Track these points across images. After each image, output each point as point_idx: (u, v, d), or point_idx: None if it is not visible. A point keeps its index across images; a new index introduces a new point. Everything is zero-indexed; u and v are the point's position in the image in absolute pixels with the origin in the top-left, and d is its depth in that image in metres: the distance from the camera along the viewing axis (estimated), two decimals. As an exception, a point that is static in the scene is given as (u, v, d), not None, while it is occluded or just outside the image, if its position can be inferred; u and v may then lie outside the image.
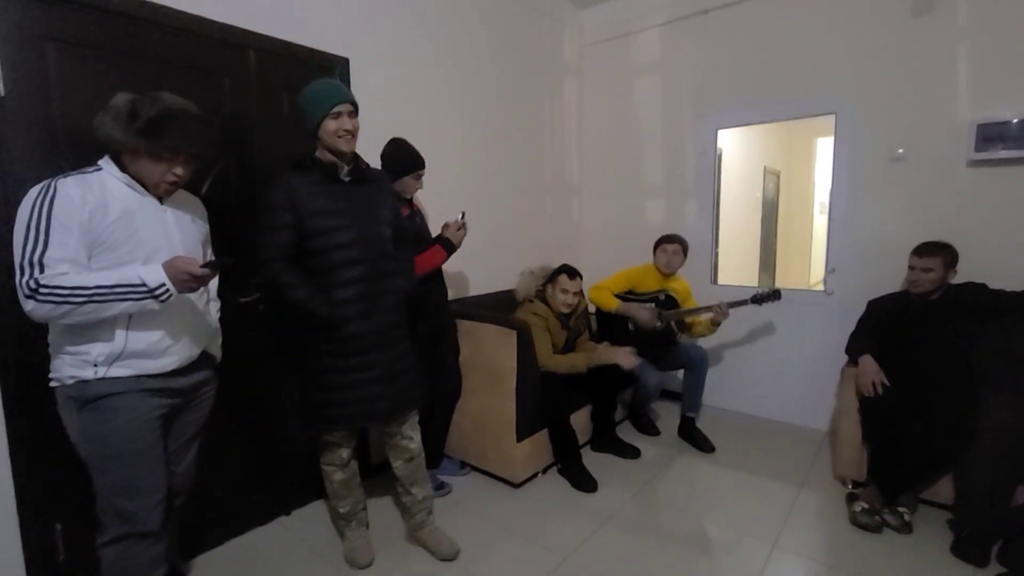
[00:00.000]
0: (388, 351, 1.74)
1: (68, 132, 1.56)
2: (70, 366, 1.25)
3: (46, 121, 1.53)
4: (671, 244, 2.96)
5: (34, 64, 1.51)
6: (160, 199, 1.36)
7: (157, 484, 1.34)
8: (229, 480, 2.02)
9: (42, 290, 1.14)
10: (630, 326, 2.90)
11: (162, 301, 1.25)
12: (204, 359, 1.52)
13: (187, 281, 1.26)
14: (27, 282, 1.15)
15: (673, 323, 2.91)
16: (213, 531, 2.00)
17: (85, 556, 1.64)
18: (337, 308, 1.63)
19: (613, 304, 2.88)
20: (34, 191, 1.20)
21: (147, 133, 1.24)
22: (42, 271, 1.15)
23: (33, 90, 1.51)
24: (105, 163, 1.30)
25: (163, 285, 1.23)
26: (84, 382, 1.25)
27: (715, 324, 2.82)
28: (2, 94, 1.46)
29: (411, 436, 1.89)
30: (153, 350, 1.32)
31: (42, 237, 1.16)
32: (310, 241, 1.62)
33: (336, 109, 1.60)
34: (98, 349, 1.25)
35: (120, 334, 1.27)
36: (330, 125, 1.61)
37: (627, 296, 2.96)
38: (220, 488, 1.99)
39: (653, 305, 2.91)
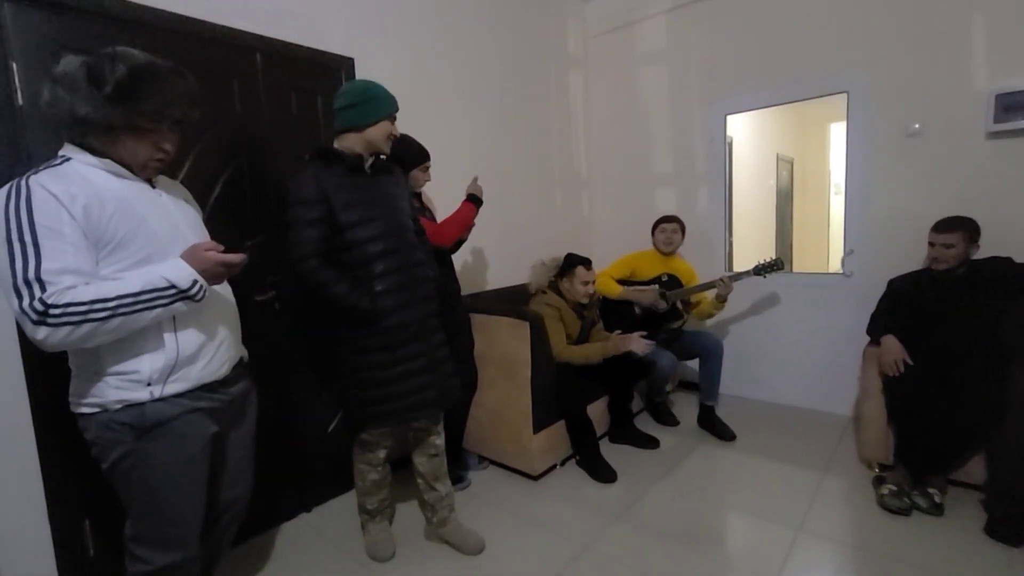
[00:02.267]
0: (428, 340, 1.73)
1: (84, 138, 1.60)
2: (117, 388, 1.07)
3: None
4: (668, 223, 2.99)
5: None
6: (150, 182, 1.18)
7: (202, 510, 1.23)
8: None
9: (53, 311, 0.94)
10: (636, 310, 2.89)
11: (198, 300, 1.09)
12: (241, 362, 1.40)
13: (220, 272, 1.13)
14: (31, 305, 0.94)
15: (679, 302, 2.89)
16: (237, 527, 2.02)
17: (114, 551, 1.67)
18: (377, 300, 1.61)
19: (616, 291, 2.88)
20: (1, 197, 0.97)
21: (118, 99, 1.02)
22: (44, 289, 0.95)
23: (50, 98, 1.55)
24: (71, 151, 1.07)
25: (196, 282, 1.08)
26: (138, 406, 1.08)
27: (721, 300, 2.80)
28: (21, 103, 1.50)
29: (439, 432, 1.89)
30: (205, 352, 1.18)
31: (30, 250, 0.95)
32: (344, 235, 1.59)
33: (395, 114, 1.68)
34: (148, 364, 1.09)
35: (170, 339, 1.11)
36: (387, 127, 1.65)
37: (628, 281, 2.96)
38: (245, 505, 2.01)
39: (656, 287, 2.89)
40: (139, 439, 1.10)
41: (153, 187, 1.19)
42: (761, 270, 2.71)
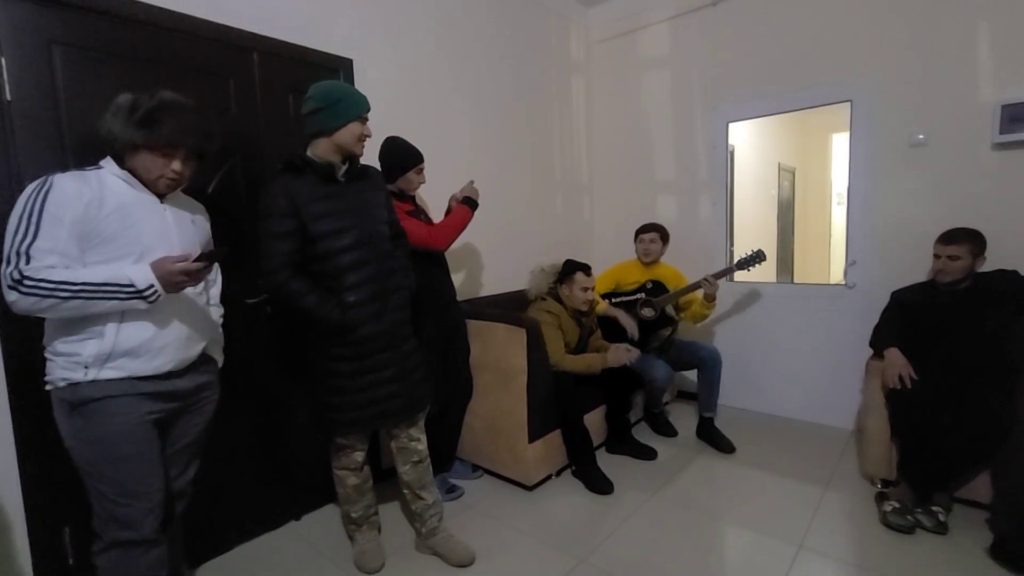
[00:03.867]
0: (398, 349, 1.73)
1: (74, 135, 1.58)
2: (62, 368, 1.22)
3: (52, 124, 1.55)
4: (647, 233, 2.97)
5: (41, 68, 1.52)
6: (161, 197, 1.34)
7: (151, 489, 1.29)
8: (238, 484, 2.00)
9: (26, 282, 1.12)
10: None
11: (150, 302, 1.22)
12: (204, 361, 1.47)
13: (180, 281, 1.25)
14: (11, 272, 1.12)
15: (668, 308, 2.86)
16: (223, 535, 1.97)
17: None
18: (350, 312, 1.61)
19: (600, 307, 2.83)
20: (31, 186, 1.19)
21: (143, 124, 1.23)
22: (28, 262, 1.13)
23: (40, 94, 1.52)
24: (106, 162, 1.29)
25: (151, 287, 1.21)
26: (75, 384, 1.22)
27: (709, 299, 2.79)
28: (9, 98, 1.47)
29: (418, 438, 1.86)
30: (145, 349, 1.27)
31: (32, 228, 1.14)
32: (316, 245, 1.59)
33: (365, 115, 1.63)
34: (88, 349, 1.22)
35: (111, 330, 1.23)
36: (356, 129, 1.62)
37: (615, 293, 2.95)
38: (230, 492, 1.97)
39: (642, 295, 2.86)
40: (71, 413, 1.23)
41: (161, 201, 1.34)
42: (744, 263, 2.70)
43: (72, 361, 1.22)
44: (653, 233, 2.96)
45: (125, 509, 1.26)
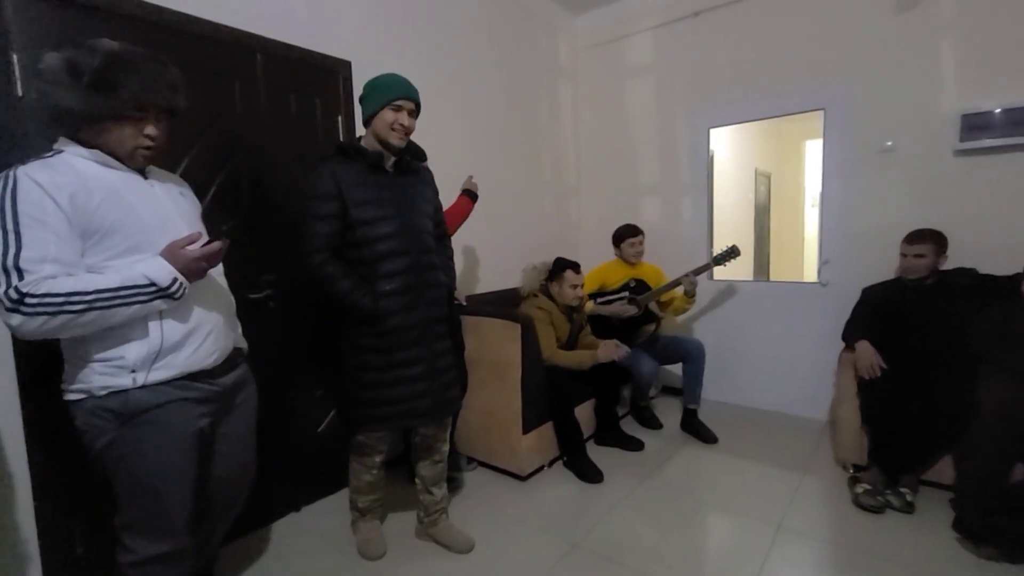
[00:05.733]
0: (430, 347, 1.70)
1: (84, 131, 1.60)
2: (101, 375, 1.08)
3: (63, 121, 1.57)
4: (635, 236, 3.10)
5: (51, 66, 1.55)
6: (141, 172, 1.19)
7: (191, 500, 1.22)
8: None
9: (28, 300, 0.95)
10: (614, 320, 2.98)
11: (177, 298, 1.11)
12: (238, 353, 1.41)
13: (201, 267, 1.14)
14: (5, 293, 0.95)
15: (651, 305, 2.99)
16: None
17: (101, 548, 1.66)
18: (381, 301, 1.60)
19: (587, 307, 2.96)
20: None
21: (101, 88, 1.04)
22: (21, 277, 0.96)
23: (50, 91, 1.55)
24: (64, 144, 1.10)
25: (176, 280, 1.09)
26: (123, 392, 1.09)
27: (689, 296, 2.93)
28: (20, 94, 1.50)
29: (444, 439, 1.90)
30: (191, 341, 1.17)
31: (11, 238, 0.96)
32: (354, 231, 1.59)
33: (398, 102, 1.60)
34: (134, 351, 1.09)
35: (155, 327, 1.11)
36: (388, 116, 1.60)
37: (601, 293, 3.06)
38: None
39: (627, 294, 2.99)
40: (123, 426, 1.10)
41: (145, 178, 1.20)
42: (720, 259, 2.86)
43: (114, 366, 1.09)
44: (641, 235, 3.10)
45: (165, 521, 1.18)
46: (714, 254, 2.88)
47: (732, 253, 2.84)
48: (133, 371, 1.09)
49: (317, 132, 2.24)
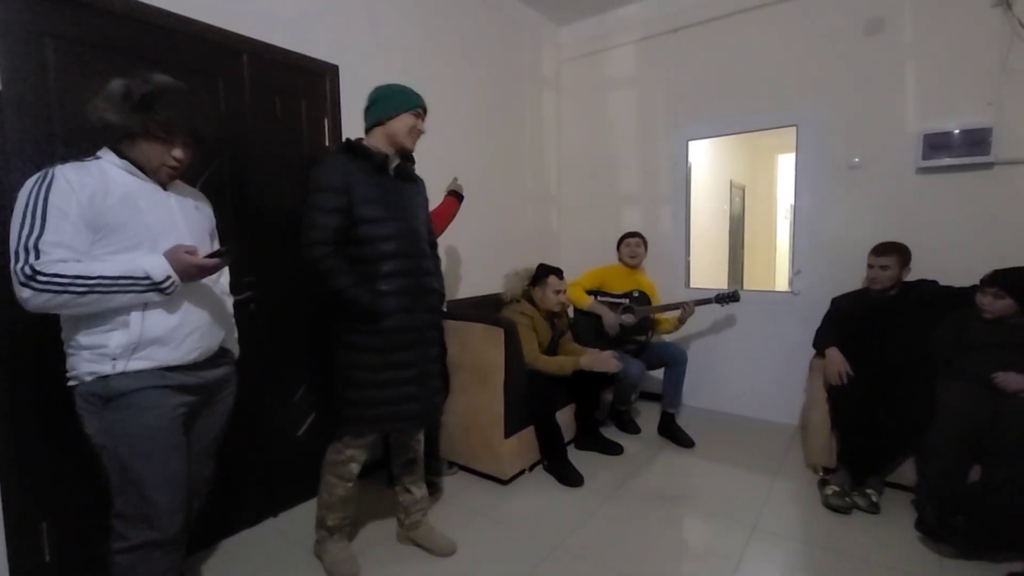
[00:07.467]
0: (424, 351, 1.72)
1: (64, 127, 1.58)
2: (88, 361, 1.19)
3: (43, 116, 1.55)
4: (632, 238, 3.21)
5: (32, 60, 1.53)
6: (163, 186, 1.32)
7: (181, 486, 1.28)
8: (218, 480, 1.99)
9: (40, 277, 1.09)
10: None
11: (167, 294, 1.21)
12: (223, 354, 1.47)
13: (195, 273, 1.24)
14: (22, 268, 1.09)
15: (649, 317, 3.06)
16: (201, 532, 1.96)
17: (71, 556, 1.62)
18: (380, 300, 1.60)
19: (586, 301, 3.02)
20: (32, 179, 1.17)
21: (140, 110, 1.21)
22: (38, 256, 1.10)
23: (30, 85, 1.52)
24: (103, 152, 1.27)
25: (169, 278, 1.20)
26: (104, 378, 1.19)
27: (680, 322, 3.01)
28: (0, 88, 1.47)
29: (419, 438, 1.92)
30: (172, 337, 1.26)
31: (38, 223, 1.12)
32: (358, 229, 1.59)
33: (419, 109, 1.69)
34: (115, 340, 1.19)
35: (136, 318, 1.20)
36: (409, 120, 1.67)
37: (599, 292, 3.12)
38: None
39: (627, 301, 3.05)
40: (104, 407, 1.20)
41: (165, 190, 1.33)
42: (721, 299, 2.94)
43: (98, 353, 1.19)
44: (638, 238, 3.20)
45: (156, 508, 1.23)
46: (718, 293, 2.95)
47: (733, 297, 2.93)
48: (114, 359, 1.20)
49: (302, 134, 2.23)
